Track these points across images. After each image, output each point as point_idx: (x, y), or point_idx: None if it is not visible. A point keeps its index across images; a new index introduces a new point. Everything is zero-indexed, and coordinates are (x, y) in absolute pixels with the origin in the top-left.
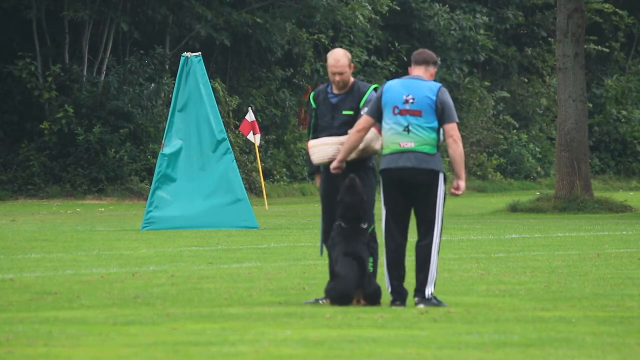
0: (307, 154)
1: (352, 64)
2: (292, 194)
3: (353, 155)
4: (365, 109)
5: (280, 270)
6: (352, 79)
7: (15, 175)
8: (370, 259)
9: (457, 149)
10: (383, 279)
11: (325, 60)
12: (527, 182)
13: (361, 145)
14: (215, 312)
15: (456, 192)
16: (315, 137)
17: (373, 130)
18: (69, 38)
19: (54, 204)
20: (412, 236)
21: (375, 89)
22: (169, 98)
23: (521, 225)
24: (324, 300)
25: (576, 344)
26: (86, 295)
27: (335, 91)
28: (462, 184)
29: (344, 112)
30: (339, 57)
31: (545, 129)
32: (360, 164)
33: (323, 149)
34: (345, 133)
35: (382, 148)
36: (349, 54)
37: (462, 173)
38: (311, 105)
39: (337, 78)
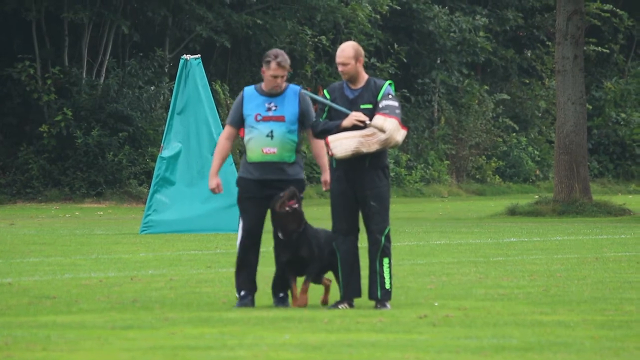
0: (327, 147)
1: (362, 59)
2: None
3: (376, 146)
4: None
5: None
6: (366, 75)
7: (14, 178)
8: (387, 260)
9: None
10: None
11: (326, 62)
12: (526, 186)
13: (383, 136)
14: (214, 316)
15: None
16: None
17: (394, 122)
18: (69, 40)
19: (52, 208)
20: None
21: (390, 85)
22: (168, 101)
23: (520, 229)
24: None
25: (575, 348)
26: (85, 299)
27: (351, 86)
28: None
29: (363, 107)
30: (344, 48)
31: (545, 131)
32: (377, 161)
33: (345, 142)
34: (364, 126)
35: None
36: (358, 47)
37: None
38: (326, 97)
39: (340, 69)
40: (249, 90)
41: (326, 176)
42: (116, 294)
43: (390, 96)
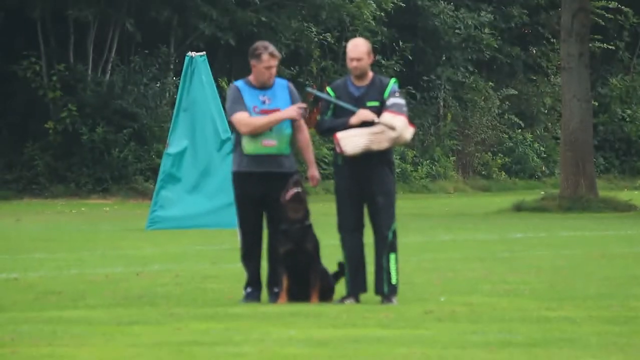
0: (336, 144)
1: (372, 55)
2: None
3: (386, 144)
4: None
5: None
6: (371, 73)
7: (20, 175)
8: (393, 255)
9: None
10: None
11: (331, 59)
12: (532, 182)
13: (394, 134)
14: (219, 312)
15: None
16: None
17: (403, 119)
18: (74, 38)
19: (58, 204)
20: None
21: (395, 82)
22: (173, 98)
23: (526, 225)
24: (349, 300)
25: (580, 343)
26: (90, 295)
27: (356, 83)
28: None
29: (369, 104)
30: (357, 43)
31: (550, 128)
32: (384, 157)
33: (355, 139)
34: (372, 124)
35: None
36: (369, 44)
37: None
38: (329, 94)
39: (355, 64)
40: (240, 83)
41: (313, 171)
42: (122, 289)
43: (397, 94)
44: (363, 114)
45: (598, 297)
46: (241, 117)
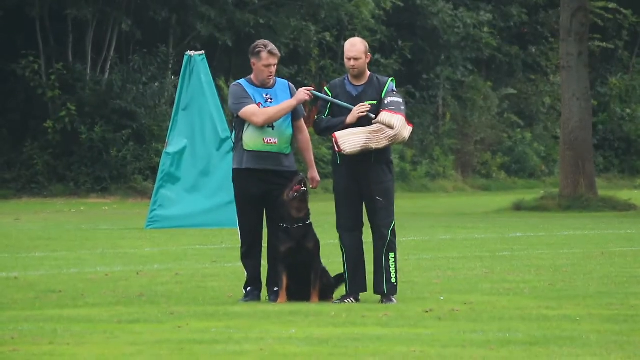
0: (334, 144)
1: (369, 54)
2: None
3: (385, 142)
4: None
5: None
6: (368, 72)
7: (19, 174)
8: (392, 254)
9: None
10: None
11: (330, 58)
12: (532, 181)
13: (392, 132)
14: (219, 311)
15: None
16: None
17: (401, 118)
18: (73, 37)
19: (57, 203)
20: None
21: (392, 81)
22: (172, 97)
23: (525, 224)
24: (349, 299)
25: (580, 342)
26: (91, 293)
27: (354, 83)
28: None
29: (367, 103)
30: (355, 42)
31: (550, 127)
32: (382, 156)
33: (353, 138)
34: (370, 123)
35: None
36: (366, 43)
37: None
38: (327, 94)
39: (352, 63)
40: (242, 82)
41: (313, 172)
42: (122, 288)
43: (394, 92)
44: (358, 110)
45: (598, 295)
46: (252, 109)
